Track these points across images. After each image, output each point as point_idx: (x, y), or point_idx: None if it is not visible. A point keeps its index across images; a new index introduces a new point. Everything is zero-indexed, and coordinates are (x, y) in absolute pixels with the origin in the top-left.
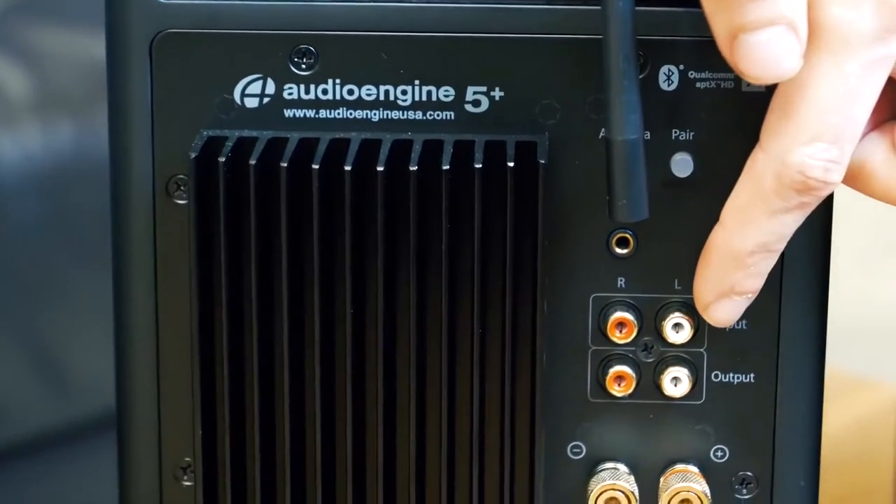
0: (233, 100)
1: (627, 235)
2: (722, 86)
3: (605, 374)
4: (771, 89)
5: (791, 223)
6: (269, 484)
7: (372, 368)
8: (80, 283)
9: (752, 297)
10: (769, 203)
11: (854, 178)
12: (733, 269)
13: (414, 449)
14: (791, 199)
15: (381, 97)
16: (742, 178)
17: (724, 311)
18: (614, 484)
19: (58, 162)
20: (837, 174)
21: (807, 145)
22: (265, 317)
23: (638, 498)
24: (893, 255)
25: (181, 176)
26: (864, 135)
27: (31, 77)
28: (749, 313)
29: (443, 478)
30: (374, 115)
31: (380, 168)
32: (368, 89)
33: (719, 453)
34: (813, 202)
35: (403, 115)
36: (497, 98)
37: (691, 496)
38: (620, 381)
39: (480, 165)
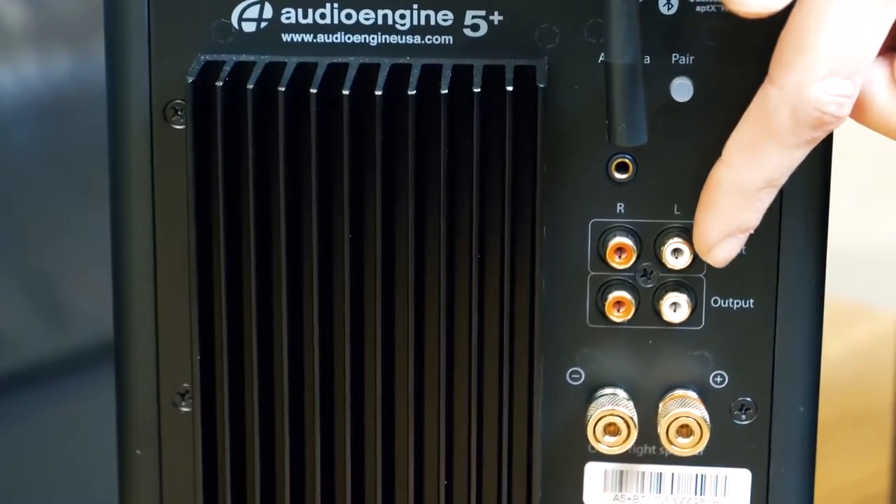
0: (230, 24)
1: (627, 160)
2: (722, 9)
3: (605, 299)
4: (778, 16)
5: (799, 158)
6: (267, 406)
7: (370, 293)
8: (78, 211)
9: (751, 232)
10: (782, 139)
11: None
12: (744, 207)
13: (412, 375)
14: (804, 134)
15: (380, 21)
16: (750, 114)
17: (729, 249)
18: (613, 409)
19: (55, 90)
20: (849, 108)
21: (822, 80)
22: (263, 240)
23: (637, 423)
24: (894, 183)
25: (178, 101)
26: None
27: (27, 5)
28: (749, 239)
29: (441, 403)
30: (373, 39)
31: (378, 93)
32: (367, 13)
33: (718, 379)
34: (822, 136)
35: (402, 39)
36: (496, 22)
37: (690, 421)
38: (619, 307)
39: (479, 90)
